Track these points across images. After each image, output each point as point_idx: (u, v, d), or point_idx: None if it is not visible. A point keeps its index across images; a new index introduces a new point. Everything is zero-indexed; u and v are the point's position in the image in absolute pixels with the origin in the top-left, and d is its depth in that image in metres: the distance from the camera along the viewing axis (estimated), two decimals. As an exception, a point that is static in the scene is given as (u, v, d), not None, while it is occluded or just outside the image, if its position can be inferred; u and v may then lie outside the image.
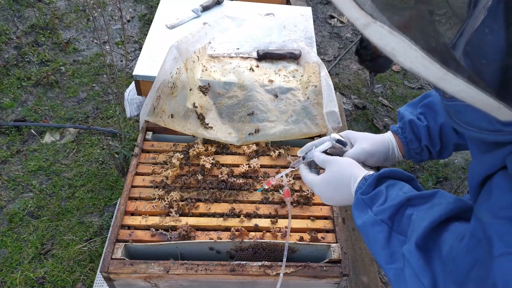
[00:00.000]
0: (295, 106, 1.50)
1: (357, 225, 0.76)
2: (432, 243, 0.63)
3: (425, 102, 0.97)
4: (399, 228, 0.69)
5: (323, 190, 0.87)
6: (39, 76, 2.86)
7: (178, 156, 1.36)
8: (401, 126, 0.99)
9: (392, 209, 0.70)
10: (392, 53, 0.43)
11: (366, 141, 0.95)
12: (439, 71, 0.42)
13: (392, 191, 0.73)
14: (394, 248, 0.68)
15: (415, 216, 0.67)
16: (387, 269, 0.69)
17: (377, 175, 0.76)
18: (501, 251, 0.49)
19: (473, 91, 0.44)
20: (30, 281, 1.91)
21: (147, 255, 1.16)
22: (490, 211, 0.53)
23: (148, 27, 2.79)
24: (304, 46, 1.70)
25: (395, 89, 3.17)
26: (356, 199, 0.77)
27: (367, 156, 0.92)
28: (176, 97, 1.44)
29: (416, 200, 0.70)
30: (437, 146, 0.95)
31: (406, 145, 0.98)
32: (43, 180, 2.32)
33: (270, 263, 1.11)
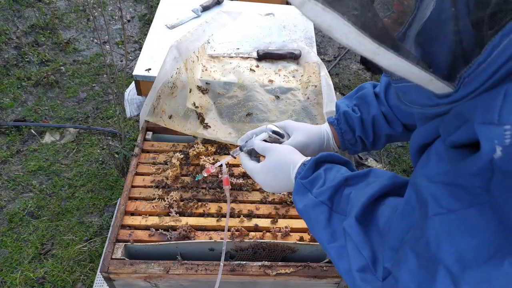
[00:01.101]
0: (295, 106, 1.50)
1: (298, 209, 0.77)
2: (370, 217, 0.65)
3: (359, 94, 1.00)
4: (339, 207, 0.71)
5: (263, 177, 0.88)
6: (39, 76, 2.86)
7: (178, 156, 1.36)
8: (337, 117, 1.01)
9: (331, 190, 0.72)
10: (328, 29, 0.44)
11: (301, 132, 0.96)
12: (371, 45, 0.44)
13: (330, 174, 0.75)
14: (335, 227, 0.71)
15: (353, 194, 0.70)
16: (329, 248, 0.70)
17: (315, 159, 0.79)
18: (435, 211, 0.51)
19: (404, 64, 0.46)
20: (30, 281, 1.91)
21: (147, 255, 1.16)
22: (427, 176, 0.55)
23: (148, 27, 2.79)
24: (304, 46, 1.70)
25: (395, 89, 3.17)
26: (296, 183, 0.78)
27: (302, 147, 0.93)
28: (176, 97, 1.44)
29: (353, 180, 0.73)
30: (370, 137, 0.98)
31: (341, 136, 1.00)
32: (43, 180, 2.32)
33: (270, 263, 1.11)
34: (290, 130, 0.97)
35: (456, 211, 0.50)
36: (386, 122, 0.96)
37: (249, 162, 0.94)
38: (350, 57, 3.42)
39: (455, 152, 0.52)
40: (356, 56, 3.42)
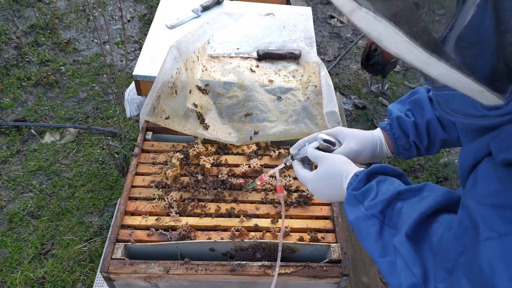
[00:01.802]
0: (295, 106, 1.50)
1: (349, 220, 0.77)
2: (422, 234, 0.64)
3: (413, 98, 0.98)
4: (390, 221, 0.70)
5: (315, 186, 0.88)
6: (39, 76, 2.86)
7: (178, 156, 1.36)
8: (390, 122, 1.00)
9: (383, 203, 0.71)
10: (378, 38, 0.44)
11: (354, 139, 0.95)
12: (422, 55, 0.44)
13: (383, 186, 0.74)
14: (386, 241, 0.69)
15: (405, 209, 0.68)
16: (380, 262, 0.69)
17: (367, 171, 0.78)
18: (486, 235, 0.50)
19: (456, 75, 0.45)
20: (30, 281, 1.91)
21: (147, 255, 1.16)
22: (475, 198, 0.54)
23: (148, 27, 2.79)
24: (304, 46, 1.70)
25: (395, 89, 3.17)
26: (347, 194, 0.78)
27: (355, 154, 0.93)
28: (176, 97, 1.44)
29: (406, 194, 0.71)
30: (425, 142, 0.96)
31: (394, 141, 0.99)
32: (43, 180, 2.32)
33: (270, 263, 1.11)
34: (342, 137, 0.96)
35: (508, 234, 0.48)
36: (441, 126, 0.94)
37: (302, 170, 0.94)
38: (350, 57, 3.42)
39: (507, 171, 0.50)
40: (356, 56, 3.42)
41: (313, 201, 1.29)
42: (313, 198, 1.30)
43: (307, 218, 1.26)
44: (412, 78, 3.30)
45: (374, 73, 2.83)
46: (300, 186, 1.33)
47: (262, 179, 1.09)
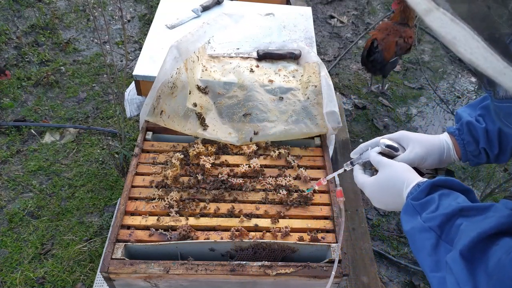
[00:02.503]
0: (295, 106, 1.50)
1: (404, 230, 0.74)
2: (478, 255, 0.61)
3: (485, 104, 0.95)
4: (448, 237, 0.67)
5: (373, 192, 0.86)
6: (39, 76, 2.86)
7: (178, 156, 1.36)
8: (459, 127, 0.96)
9: (443, 217, 0.68)
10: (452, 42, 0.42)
11: (419, 144, 0.92)
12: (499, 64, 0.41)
13: (445, 200, 0.71)
14: (440, 256, 0.67)
15: (464, 226, 0.65)
16: (431, 276, 0.68)
17: (431, 183, 0.74)
18: None
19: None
20: (30, 281, 1.91)
21: (147, 255, 1.16)
22: None
23: (148, 27, 2.79)
24: (304, 46, 1.70)
25: (395, 89, 3.17)
26: (406, 204, 0.76)
27: (420, 160, 0.90)
28: (176, 97, 1.44)
29: (469, 211, 0.68)
30: (495, 149, 0.93)
31: (463, 147, 0.95)
32: (43, 180, 2.32)
33: (270, 263, 1.11)
34: (406, 142, 0.93)
35: None
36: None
37: (361, 175, 0.92)
38: (350, 57, 3.42)
39: None
40: (356, 56, 3.42)
41: (313, 201, 1.29)
42: (313, 198, 1.30)
43: (307, 218, 1.26)
44: (412, 78, 3.30)
45: (374, 72, 2.83)
46: (300, 186, 1.33)
47: (320, 183, 1.09)
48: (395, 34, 2.61)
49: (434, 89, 3.20)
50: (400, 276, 2.13)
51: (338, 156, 2.29)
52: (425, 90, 3.21)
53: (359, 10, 3.89)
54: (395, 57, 2.67)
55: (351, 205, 2.08)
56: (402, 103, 3.08)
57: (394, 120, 2.94)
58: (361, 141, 2.73)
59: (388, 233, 2.29)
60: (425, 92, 3.20)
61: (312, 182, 1.35)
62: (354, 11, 3.88)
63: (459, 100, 3.15)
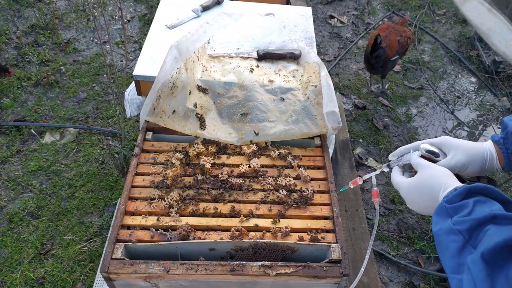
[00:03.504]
0: (295, 106, 1.50)
1: (433, 231, 0.74)
2: (501, 260, 0.60)
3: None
4: (475, 242, 0.67)
5: (409, 193, 0.86)
6: (39, 76, 2.86)
7: (178, 156, 1.36)
8: (504, 136, 0.93)
9: (473, 222, 0.68)
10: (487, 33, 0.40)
11: (461, 151, 0.91)
12: None
13: (480, 207, 0.71)
14: (463, 260, 0.67)
15: (491, 231, 0.65)
16: (451, 278, 0.68)
17: (468, 188, 0.74)
18: None
19: None
20: (30, 281, 1.91)
21: (147, 255, 1.16)
22: None
23: (148, 27, 2.79)
24: (304, 46, 1.70)
25: (395, 89, 3.17)
26: (439, 205, 0.76)
27: (461, 167, 0.89)
28: (176, 97, 1.44)
29: (501, 220, 0.66)
30: None
31: (506, 156, 0.93)
32: (43, 180, 2.32)
33: (270, 263, 1.11)
34: (447, 148, 0.93)
35: None
36: None
37: (398, 176, 0.92)
38: (350, 57, 3.42)
39: None
40: (356, 56, 3.42)
41: (313, 201, 1.29)
42: (313, 198, 1.30)
43: (307, 218, 1.26)
44: (412, 78, 3.30)
45: (375, 70, 2.83)
46: (301, 186, 1.33)
47: (356, 182, 1.10)
48: (395, 33, 2.66)
49: (434, 89, 3.20)
50: (400, 276, 2.13)
51: (338, 156, 2.29)
52: (425, 90, 3.21)
53: (359, 10, 3.89)
54: (396, 56, 2.69)
55: (351, 205, 2.08)
56: (402, 103, 3.08)
57: (394, 120, 2.94)
58: (361, 141, 2.73)
59: (388, 233, 2.29)
60: (425, 92, 3.20)
61: (312, 182, 1.35)
62: (354, 11, 3.88)
63: (459, 100, 3.15)
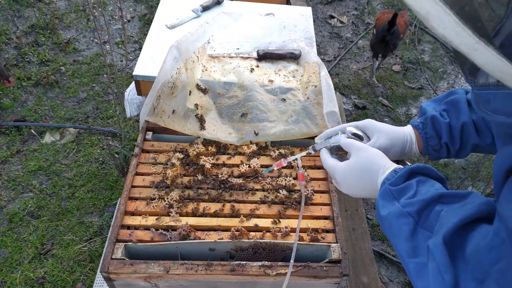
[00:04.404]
0: (295, 106, 1.50)
1: (381, 215, 0.74)
2: (458, 241, 0.62)
3: (450, 99, 0.95)
4: (425, 223, 0.68)
5: (345, 176, 0.85)
6: (39, 76, 2.86)
7: (178, 156, 1.36)
8: (423, 121, 0.96)
9: (421, 203, 0.69)
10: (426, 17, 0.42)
11: (384, 134, 0.92)
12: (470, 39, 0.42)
13: (423, 187, 0.72)
14: (418, 242, 0.67)
15: (445, 212, 0.66)
16: (408, 262, 0.68)
17: (409, 169, 0.75)
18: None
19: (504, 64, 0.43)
20: (30, 281, 1.91)
21: (147, 255, 1.16)
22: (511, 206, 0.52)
23: (148, 27, 2.79)
24: (304, 46, 1.70)
25: (395, 89, 3.17)
26: (383, 189, 0.76)
27: (383, 150, 0.89)
28: (176, 97, 1.44)
29: (448, 198, 0.69)
30: (457, 144, 0.93)
31: (425, 141, 0.95)
32: (43, 180, 2.32)
33: (270, 263, 1.11)
34: (371, 131, 0.93)
35: None
36: (475, 131, 0.91)
37: (331, 159, 0.91)
38: (350, 57, 3.42)
39: None
40: (356, 56, 3.42)
41: (313, 201, 1.29)
42: (313, 198, 1.30)
43: (307, 218, 1.26)
44: (412, 78, 3.30)
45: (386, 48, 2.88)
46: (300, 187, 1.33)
47: (281, 163, 1.06)
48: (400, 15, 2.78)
49: (434, 89, 3.20)
50: (400, 276, 2.13)
51: (338, 156, 2.29)
52: (425, 90, 3.21)
53: (359, 10, 3.89)
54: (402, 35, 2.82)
55: (351, 205, 2.08)
56: (402, 103, 3.08)
57: (394, 120, 2.94)
58: (361, 141, 2.73)
59: (388, 233, 2.29)
60: (425, 92, 3.20)
61: (312, 182, 1.35)
62: (354, 11, 3.88)
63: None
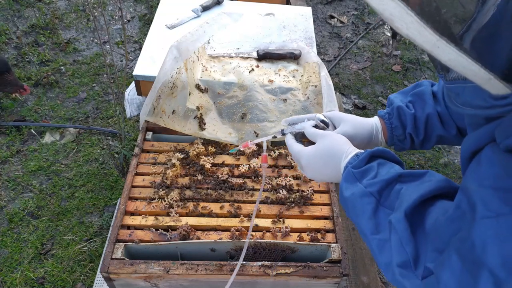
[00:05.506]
0: (295, 106, 1.50)
1: (344, 196, 0.77)
2: (419, 215, 0.65)
3: (416, 91, 0.98)
4: (386, 202, 0.71)
5: (310, 162, 0.87)
6: (39, 76, 2.86)
7: (178, 156, 1.36)
8: (389, 112, 1.00)
9: (382, 183, 0.72)
10: (390, 18, 0.44)
11: (349, 123, 0.95)
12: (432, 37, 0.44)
13: (383, 169, 0.75)
14: (380, 220, 0.70)
15: (405, 190, 0.69)
16: (371, 239, 0.71)
17: (370, 152, 0.78)
18: (483, 214, 0.51)
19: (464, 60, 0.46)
20: (30, 281, 1.91)
21: (147, 255, 1.16)
22: (477, 180, 0.55)
23: (148, 27, 2.79)
24: (304, 46, 1.70)
25: (395, 89, 3.17)
26: (347, 172, 0.78)
27: (349, 139, 0.92)
28: (176, 97, 1.44)
29: (407, 178, 0.72)
30: (421, 135, 0.97)
31: (390, 131, 0.99)
32: (43, 180, 2.32)
33: (270, 263, 1.11)
34: (337, 121, 0.96)
35: (506, 215, 0.49)
36: (440, 122, 0.95)
37: (296, 144, 0.93)
38: (350, 57, 3.42)
39: (509, 157, 0.51)
40: (356, 56, 3.42)
41: (313, 201, 1.29)
42: (313, 198, 1.30)
43: (307, 218, 1.26)
44: (412, 78, 3.30)
45: None
46: (300, 186, 1.33)
47: (247, 145, 1.08)
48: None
49: (434, 89, 3.20)
50: (400, 276, 2.13)
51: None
52: (425, 90, 3.21)
53: (359, 10, 3.89)
54: None
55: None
56: (402, 103, 3.08)
57: (394, 120, 2.94)
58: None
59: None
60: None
61: (312, 182, 1.35)
62: (354, 11, 3.88)
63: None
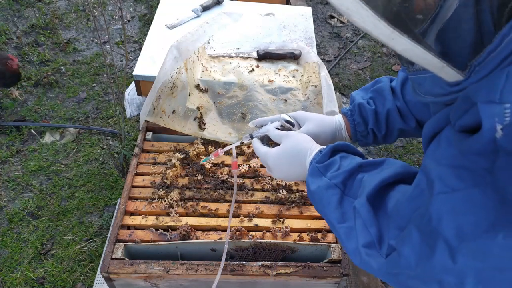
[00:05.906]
0: (295, 106, 1.50)
1: (311, 191, 0.79)
2: (380, 200, 0.69)
3: (376, 87, 1.01)
4: (351, 191, 0.74)
5: (277, 162, 0.89)
6: (39, 76, 2.86)
7: (178, 156, 1.36)
8: (351, 108, 1.03)
9: (345, 174, 0.75)
10: (347, 12, 0.46)
11: (313, 122, 0.98)
12: (386, 29, 0.47)
13: (345, 161, 0.78)
14: (345, 209, 0.73)
15: (366, 178, 0.73)
16: (338, 227, 0.73)
17: (332, 147, 0.81)
18: (439, 190, 0.55)
19: (417, 50, 0.49)
20: (30, 281, 1.91)
21: (147, 255, 1.16)
22: (436, 159, 0.58)
23: (148, 27, 2.79)
24: (304, 46, 1.70)
25: (395, 89, 3.17)
26: (311, 167, 0.81)
27: (313, 136, 0.94)
28: (176, 97, 1.44)
29: (367, 167, 0.76)
30: (383, 130, 1.00)
31: (353, 127, 1.02)
32: (43, 180, 2.32)
33: (270, 263, 1.11)
34: (302, 120, 0.99)
35: (460, 190, 0.52)
36: (400, 116, 0.98)
37: (262, 146, 0.96)
38: (350, 57, 3.42)
39: (462, 136, 0.54)
40: (356, 56, 3.42)
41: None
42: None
43: (307, 218, 1.26)
44: (412, 78, 3.30)
45: None
46: (300, 185, 1.33)
47: (218, 154, 1.12)
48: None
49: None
50: (400, 276, 2.13)
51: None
52: (425, 90, 3.21)
53: (359, 10, 3.88)
54: None
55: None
56: (402, 103, 3.08)
57: (394, 120, 2.94)
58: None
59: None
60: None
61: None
62: (354, 11, 3.88)
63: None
